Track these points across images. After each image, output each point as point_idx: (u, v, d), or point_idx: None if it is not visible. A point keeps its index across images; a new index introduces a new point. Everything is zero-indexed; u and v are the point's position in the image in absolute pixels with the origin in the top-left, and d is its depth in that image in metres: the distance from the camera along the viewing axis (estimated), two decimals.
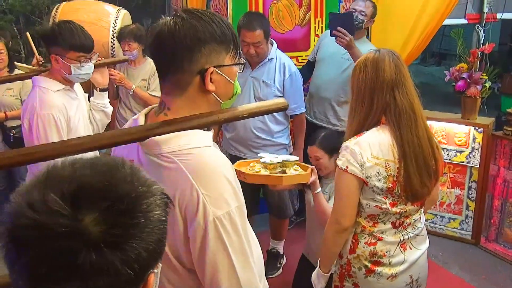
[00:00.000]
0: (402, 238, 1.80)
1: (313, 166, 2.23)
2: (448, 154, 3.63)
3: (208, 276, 1.08)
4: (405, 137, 1.67)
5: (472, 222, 3.63)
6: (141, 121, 1.21)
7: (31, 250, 0.60)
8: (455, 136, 3.61)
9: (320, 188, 2.33)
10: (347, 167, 1.69)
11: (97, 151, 2.50)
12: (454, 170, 3.66)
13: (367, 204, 1.75)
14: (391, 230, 1.79)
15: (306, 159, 2.70)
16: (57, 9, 4.11)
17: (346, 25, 3.00)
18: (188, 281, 1.16)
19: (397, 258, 1.80)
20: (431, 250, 3.48)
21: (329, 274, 1.93)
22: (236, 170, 1.94)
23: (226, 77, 1.17)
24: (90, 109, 2.51)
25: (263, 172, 2.25)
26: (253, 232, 1.25)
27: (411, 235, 1.82)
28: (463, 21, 5.13)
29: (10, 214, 0.63)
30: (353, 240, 1.82)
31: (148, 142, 1.11)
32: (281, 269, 3.26)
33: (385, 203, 1.73)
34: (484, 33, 5.01)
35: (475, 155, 3.54)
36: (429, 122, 3.59)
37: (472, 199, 3.62)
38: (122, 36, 3.47)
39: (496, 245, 3.53)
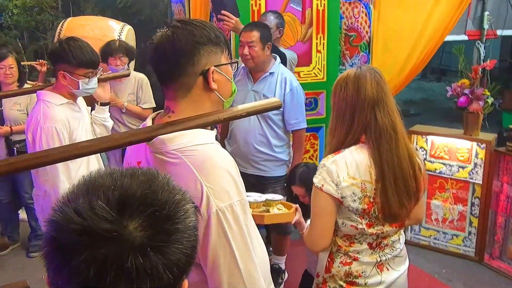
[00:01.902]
0: (379, 259, 1.75)
1: (297, 205, 2.19)
2: (450, 170, 3.62)
3: (210, 266, 1.12)
4: (384, 157, 1.63)
5: (476, 239, 3.60)
6: (149, 124, 1.28)
7: (79, 255, 0.62)
8: (458, 152, 3.61)
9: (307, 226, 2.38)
10: (322, 185, 1.65)
11: (100, 162, 2.53)
12: (456, 186, 3.65)
13: (343, 223, 1.70)
14: (367, 250, 1.73)
15: None
16: (62, 25, 4.16)
17: (229, 8, 3.07)
18: (193, 276, 1.17)
19: (374, 279, 1.74)
20: (434, 267, 3.49)
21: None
22: None
23: (225, 75, 1.26)
24: (91, 122, 2.54)
25: None
26: (258, 233, 1.28)
27: (389, 256, 1.76)
28: (464, 37, 5.17)
29: (55, 222, 0.65)
30: (329, 259, 1.77)
31: (155, 141, 1.17)
32: (282, 285, 3.24)
33: (361, 223, 1.67)
34: (484, 49, 5.04)
35: (477, 171, 3.53)
36: (431, 138, 3.63)
37: (475, 215, 3.60)
38: (113, 51, 3.48)
39: (500, 262, 3.50)
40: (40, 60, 4.45)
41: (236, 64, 1.33)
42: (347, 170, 1.64)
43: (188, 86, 1.22)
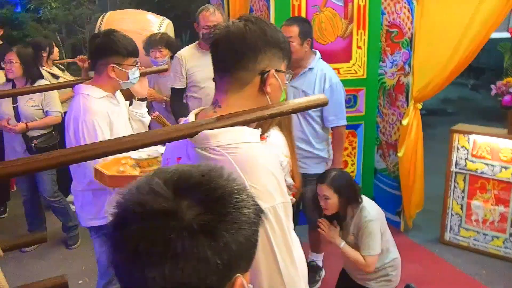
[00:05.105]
0: None
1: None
2: (492, 170, 3.53)
3: (250, 270, 1.09)
4: None
5: None
6: (192, 119, 1.27)
7: (133, 225, 0.66)
8: (500, 152, 3.51)
9: (343, 242, 2.41)
10: None
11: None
12: (498, 187, 3.55)
13: None
14: None
15: None
16: (102, 18, 4.22)
17: None
18: None
19: None
20: (473, 268, 3.42)
21: None
22: (96, 171, 1.80)
23: (281, 83, 1.24)
24: (128, 118, 2.53)
25: (132, 172, 1.81)
26: (295, 234, 1.25)
27: None
28: (506, 34, 5.03)
29: (120, 200, 0.70)
30: None
31: (198, 136, 1.15)
32: (320, 282, 3.22)
33: None
34: None
35: None
36: (473, 137, 3.55)
37: None
38: (153, 43, 3.49)
39: None
40: (80, 56, 4.50)
41: (292, 76, 1.31)
42: None
43: (244, 82, 1.21)
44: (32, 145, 3.51)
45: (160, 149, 1.88)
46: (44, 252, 3.72)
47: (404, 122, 3.61)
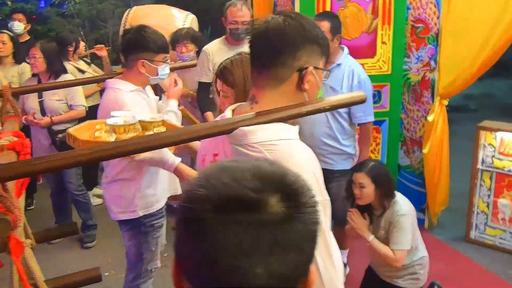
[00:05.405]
0: None
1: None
2: None
3: None
4: None
5: None
6: (229, 115, 1.26)
7: (223, 220, 0.62)
8: None
9: (372, 236, 2.38)
10: None
11: None
12: None
13: None
14: None
15: None
16: (127, 14, 4.27)
17: None
18: None
19: None
20: (500, 267, 3.37)
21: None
22: (68, 135, 1.67)
23: (318, 80, 1.22)
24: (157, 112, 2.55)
25: (107, 138, 1.65)
26: (331, 233, 1.24)
27: None
28: None
29: (194, 197, 0.65)
30: None
31: (236, 132, 1.15)
32: (344, 280, 3.21)
33: None
34: None
35: None
36: (501, 134, 3.49)
37: None
38: (179, 38, 3.50)
39: None
40: (97, 45, 4.52)
41: (328, 74, 1.28)
42: None
43: (282, 78, 1.19)
44: (57, 139, 3.54)
45: (137, 116, 1.78)
46: (70, 244, 3.78)
47: (430, 118, 3.57)
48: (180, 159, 2.05)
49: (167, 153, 1.80)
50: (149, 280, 2.39)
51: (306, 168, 1.10)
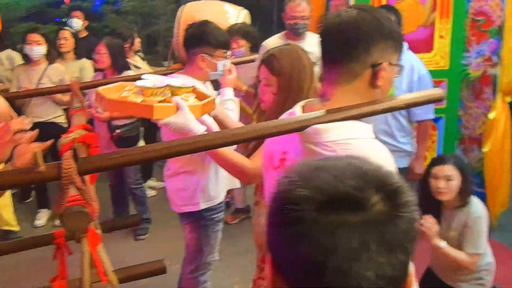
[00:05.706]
0: None
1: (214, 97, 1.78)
2: None
3: None
4: None
5: None
6: (298, 113, 1.23)
7: (329, 220, 0.60)
8: None
9: (444, 242, 2.21)
10: None
11: None
12: None
13: None
14: None
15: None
16: (181, 11, 4.32)
17: None
18: None
19: None
20: None
21: None
22: (96, 93, 1.64)
23: (391, 76, 1.18)
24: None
25: (134, 99, 1.62)
26: None
27: None
28: None
29: (293, 196, 0.63)
30: None
31: (309, 130, 1.12)
32: None
33: None
34: None
35: None
36: None
37: None
38: (231, 33, 3.51)
39: None
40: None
41: (401, 69, 1.22)
42: None
43: (354, 74, 1.15)
44: (114, 134, 3.62)
45: (167, 80, 1.74)
46: (122, 235, 3.82)
47: (491, 115, 3.44)
48: (205, 127, 2.03)
49: (192, 121, 1.78)
50: (208, 272, 2.43)
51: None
